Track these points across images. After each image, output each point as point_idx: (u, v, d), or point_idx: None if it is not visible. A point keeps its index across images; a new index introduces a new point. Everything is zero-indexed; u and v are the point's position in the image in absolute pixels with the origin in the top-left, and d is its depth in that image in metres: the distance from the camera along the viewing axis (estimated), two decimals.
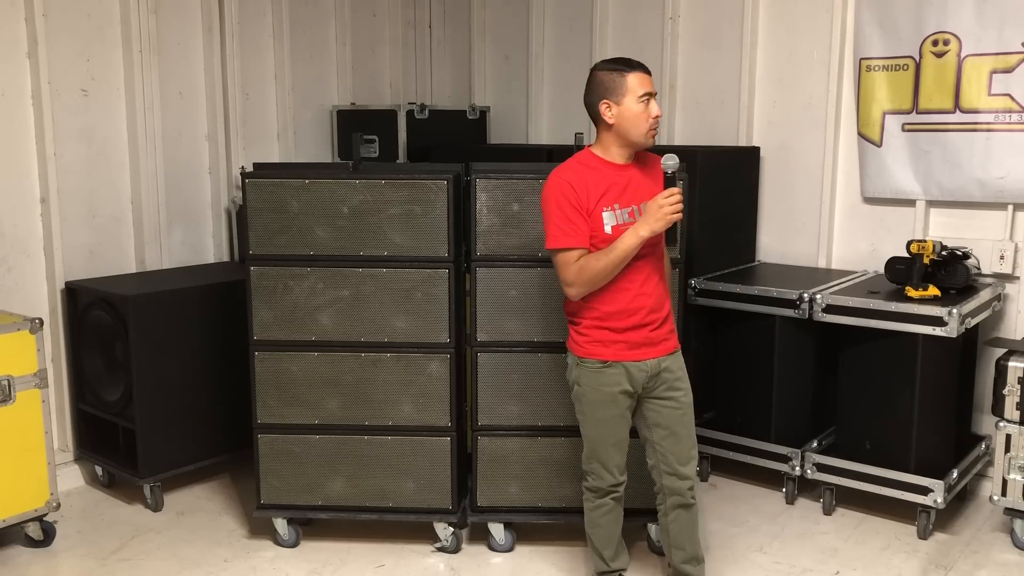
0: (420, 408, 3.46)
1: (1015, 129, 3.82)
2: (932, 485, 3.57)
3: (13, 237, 4.00)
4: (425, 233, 3.36)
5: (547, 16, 5.36)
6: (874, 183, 4.25)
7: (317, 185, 3.35)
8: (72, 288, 4.08)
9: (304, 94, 5.15)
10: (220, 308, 4.04)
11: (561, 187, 2.76)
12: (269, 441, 3.51)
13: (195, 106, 4.63)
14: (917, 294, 3.62)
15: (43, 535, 3.60)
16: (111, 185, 4.32)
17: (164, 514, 3.91)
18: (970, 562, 3.47)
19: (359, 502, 3.53)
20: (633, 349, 2.86)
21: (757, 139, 4.59)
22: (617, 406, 2.91)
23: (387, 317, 3.41)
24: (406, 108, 5.10)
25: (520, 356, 3.42)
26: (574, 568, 3.44)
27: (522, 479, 3.49)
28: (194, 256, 4.65)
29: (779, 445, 3.96)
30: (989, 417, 3.74)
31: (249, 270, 3.43)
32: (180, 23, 4.52)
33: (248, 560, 3.51)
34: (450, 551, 3.54)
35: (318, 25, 5.20)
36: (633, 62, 2.78)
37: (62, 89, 4.09)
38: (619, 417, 2.93)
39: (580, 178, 2.76)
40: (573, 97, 5.37)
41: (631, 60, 2.79)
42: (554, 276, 2.87)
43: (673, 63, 4.81)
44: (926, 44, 4.00)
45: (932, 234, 4.12)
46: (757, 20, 4.54)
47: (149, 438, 3.88)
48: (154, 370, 3.88)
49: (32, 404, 3.51)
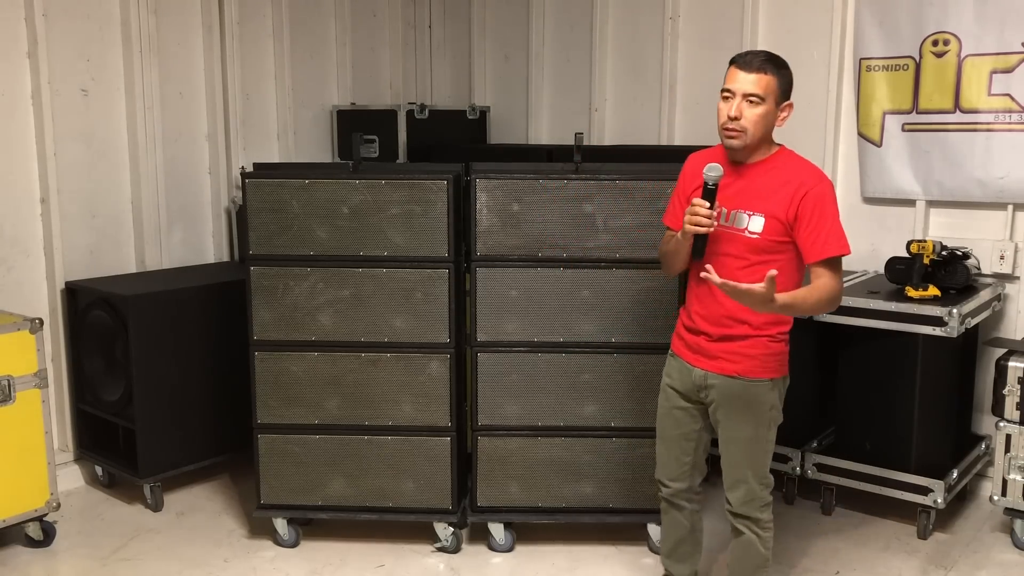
0: (420, 408, 3.46)
1: (1015, 129, 3.82)
2: (932, 485, 3.57)
3: (13, 237, 4.00)
4: (425, 233, 3.36)
5: (547, 16, 5.36)
6: (874, 183, 4.25)
7: (317, 185, 3.35)
8: (72, 288, 4.08)
9: (304, 94, 5.14)
10: (220, 308, 4.04)
11: (682, 168, 2.82)
12: (269, 441, 3.51)
13: (195, 106, 4.63)
14: (917, 294, 3.62)
15: (43, 535, 3.60)
16: (111, 185, 4.32)
17: (164, 514, 3.91)
18: (970, 562, 3.47)
19: (359, 502, 3.53)
20: (690, 351, 2.80)
21: None
22: (667, 398, 2.87)
23: (387, 317, 3.41)
24: (406, 108, 5.10)
25: (520, 356, 3.42)
26: (574, 568, 3.44)
27: (522, 479, 3.49)
28: (194, 256, 4.65)
29: (779, 445, 3.92)
30: (989, 417, 3.74)
31: (249, 270, 3.43)
32: (180, 23, 4.52)
33: (248, 560, 3.51)
34: (450, 551, 3.54)
35: (318, 25, 5.20)
36: (742, 54, 2.63)
37: (62, 89, 4.09)
38: (667, 411, 2.88)
39: (695, 165, 2.75)
40: (573, 97, 5.46)
41: (746, 52, 2.66)
42: (553, 276, 2.86)
43: (673, 63, 4.81)
44: (926, 44, 4.00)
45: (932, 234, 4.12)
46: (757, 20, 4.53)
47: (149, 438, 3.88)
48: (154, 370, 3.88)
49: (32, 404, 3.50)
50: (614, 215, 3.32)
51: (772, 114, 2.61)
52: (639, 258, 3.32)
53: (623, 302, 3.37)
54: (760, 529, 2.80)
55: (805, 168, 2.65)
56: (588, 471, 3.48)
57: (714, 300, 2.69)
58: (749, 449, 2.76)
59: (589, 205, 3.33)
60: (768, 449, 2.78)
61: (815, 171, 2.65)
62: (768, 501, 2.81)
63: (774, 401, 2.74)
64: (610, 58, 5.11)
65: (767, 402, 2.72)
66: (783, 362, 2.74)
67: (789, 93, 2.64)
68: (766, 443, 2.77)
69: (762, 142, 2.65)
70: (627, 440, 3.45)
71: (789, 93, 2.64)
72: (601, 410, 3.44)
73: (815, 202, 2.56)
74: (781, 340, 2.72)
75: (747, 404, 2.72)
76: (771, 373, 2.71)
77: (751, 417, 2.72)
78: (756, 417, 2.72)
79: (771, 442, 2.79)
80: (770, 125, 2.63)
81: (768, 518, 2.81)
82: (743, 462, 2.77)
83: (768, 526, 2.82)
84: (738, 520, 2.81)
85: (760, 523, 2.80)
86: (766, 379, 2.70)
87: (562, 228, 3.34)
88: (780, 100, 2.61)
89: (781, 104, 2.62)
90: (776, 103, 2.60)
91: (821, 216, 2.56)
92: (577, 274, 3.37)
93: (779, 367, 2.73)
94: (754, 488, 2.77)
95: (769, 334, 2.68)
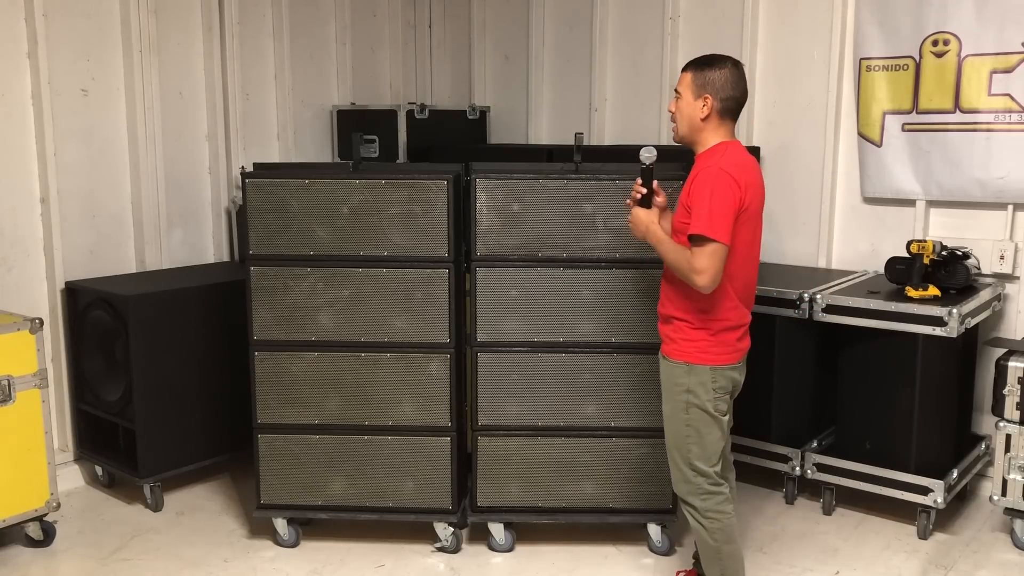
0: (420, 408, 3.46)
1: (1015, 129, 3.82)
2: (932, 485, 3.57)
3: (13, 237, 4.00)
4: (425, 233, 3.36)
5: (547, 16, 5.36)
6: (874, 183, 4.25)
7: (317, 185, 3.35)
8: (72, 288, 4.08)
9: (304, 94, 5.14)
10: (220, 308, 4.04)
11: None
12: (269, 441, 3.51)
13: (195, 106, 4.63)
14: (917, 294, 3.62)
15: (43, 535, 3.60)
16: (111, 185, 4.32)
17: (164, 514, 3.91)
18: (970, 562, 3.47)
19: (359, 502, 3.53)
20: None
21: (757, 139, 4.59)
22: None
23: (387, 317, 3.41)
24: (406, 108, 5.10)
25: (520, 356, 3.42)
26: (574, 568, 3.44)
27: (522, 479, 3.49)
28: (194, 256, 4.65)
29: (779, 445, 3.96)
30: (989, 417, 3.74)
31: (249, 270, 3.43)
32: (180, 23, 4.52)
33: (248, 560, 3.51)
34: (450, 551, 3.54)
35: (318, 25, 5.20)
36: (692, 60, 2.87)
37: (62, 89, 4.09)
38: None
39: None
40: (573, 97, 5.46)
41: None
42: (553, 276, 2.87)
43: (673, 63, 4.81)
44: (926, 44, 4.00)
45: (932, 234, 4.12)
46: (757, 20, 4.54)
47: (149, 438, 3.88)
48: (154, 370, 3.88)
49: (32, 404, 3.51)
50: (614, 215, 3.32)
51: (690, 106, 2.80)
52: (639, 258, 3.32)
53: (623, 302, 3.37)
54: (702, 517, 2.87)
55: (713, 156, 2.77)
56: (588, 471, 3.48)
57: (662, 285, 2.93)
58: (670, 429, 2.92)
59: (589, 205, 3.33)
60: (690, 435, 2.86)
61: (717, 158, 2.75)
62: (707, 490, 2.87)
63: (691, 386, 2.83)
64: (610, 58, 5.12)
65: (681, 384, 2.85)
66: (706, 351, 2.82)
67: (707, 89, 2.78)
68: (686, 427, 2.86)
69: (693, 132, 2.83)
70: (627, 440, 3.45)
71: (707, 89, 2.78)
72: (601, 410, 3.44)
73: (699, 184, 2.71)
74: (703, 328, 2.81)
75: (666, 384, 2.92)
76: (686, 357, 2.84)
77: (669, 396, 2.91)
78: (672, 397, 2.89)
79: (698, 431, 2.85)
80: (691, 116, 2.81)
81: (712, 507, 2.86)
82: (669, 442, 2.94)
83: (713, 516, 2.86)
84: (680, 503, 2.97)
85: (700, 511, 2.87)
86: (680, 362, 2.85)
87: (562, 228, 3.35)
88: (697, 93, 2.79)
89: (698, 97, 2.79)
90: (693, 96, 2.80)
91: (698, 197, 2.69)
92: (577, 274, 3.37)
93: (698, 354, 2.82)
94: (682, 470, 2.89)
95: (687, 319, 2.83)
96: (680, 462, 2.89)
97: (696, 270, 2.66)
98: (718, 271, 2.67)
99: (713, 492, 2.87)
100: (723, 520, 2.87)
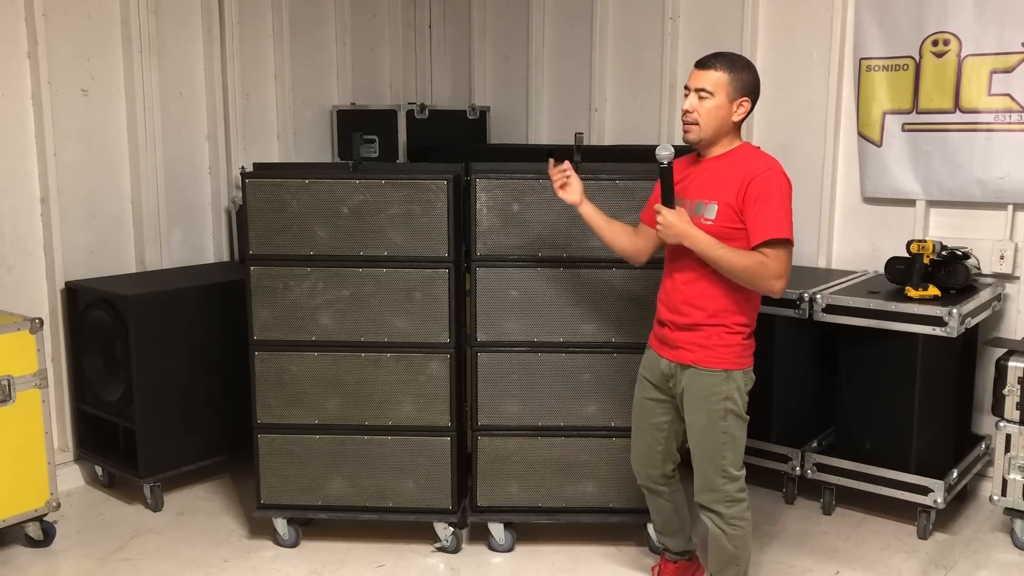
0: (420, 408, 3.46)
1: (1015, 129, 3.82)
2: (932, 485, 3.57)
3: (13, 237, 4.00)
4: (425, 233, 3.36)
5: (547, 16, 5.36)
6: (874, 183, 4.25)
7: (317, 185, 3.35)
8: (72, 288, 4.08)
9: (304, 94, 5.15)
10: (220, 308, 4.04)
11: None
12: (269, 441, 3.51)
13: (195, 106, 4.63)
14: (917, 294, 3.62)
15: (43, 535, 3.60)
16: (111, 185, 4.32)
17: (164, 514, 3.91)
18: (970, 562, 3.47)
19: (359, 502, 3.53)
20: (659, 342, 2.92)
21: (757, 139, 4.58)
22: (641, 388, 3.00)
23: (387, 317, 3.41)
24: (406, 108, 5.10)
25: (520, 356, 3.42)
26: (574, 568, 3.44)
27: (522, 479, 3.49)
28: (194, 256, 4.65)
29: (779, 445, 3.96)
30: (989, 417, 3.74)
31: (249, 270, 3.43)
32: (180, 23, 4.52)
33: (248, 560, 3.51)
34: (450, 551, 3.54)
35: (318, 25, 5.20)
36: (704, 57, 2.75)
37: (62, 89, 4.09)
38: (640, 400, 3.01)
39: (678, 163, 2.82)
40: (573, 97, 5.46)
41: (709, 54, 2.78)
42: (553, 276, 2.87)
43: (673, 63, 4.81)
44: (926, 44, 4.00)
45: (932, 234, 4.12)
46: (757, 20, 4.53)
47: (149, 438, 3.88)
48: (154, 370, 3.88)
49: (32, 404, 3.50)
50: (614, 215, 3.29)
51: (724, 108, 2.70)
52: None
53: (623, 302, 3.37)
54: (726, 524, 2.83)
55: (759, 158, 2.74)
56: (588, 471, 3.48)
57: (674, 288, 2.82)
58: (704, 439, 2.82)
59: None
60: (726, 442, 2.80)
61: (767, 159, 2.73)
62: (735, 498, 2.83)
63: (730, 393, 2.77)
64: (610, 58, 5.11)
65: (720, 393, 2.76)
66: (741, 355, 2.78)
67: (746, 91, 2.72)
68: (722, 435, 2.79)
69: (718, 135, 2.74)
70: (627, 440, 3.43)
71: (746, 91, 2.72)
72: (601, 410, 3.44)
73: (761, 187, 2.64)
74: (738, 332, 2.77)
75: (701, 394, 2.79)
76: (725, 364, 2.76)
77: (704, 407, 2.78)
78: (709, 407, 2.78)
79: (733, 436, 2.80)
80: (723, 119, 2.72)
81: (736, 515, 2.83)
82: (700, 452, 2.84)
83: (737, 524, 2.83)
84: (702, 511, 2.88)
85: (725, 518, 2.83)
86: (719, 370, 2.75)
87: (562, 228, 3.34)
88: (733, 96, 2.70)
89: (735, 100, 2.71)
90: (729, 98, 2.70)
91: (765, 200, 2.62)
92: (577, 274, 3.37)
93: (735, 359, 2.77)
94: (712, 480, 2.82)
95: (724, 324, 2.75)
96: (710, 471, 2.82)
97: (778, 275, 2.62)
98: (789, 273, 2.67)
99: (739, 499, 2.83)
100: (745, 528, 2.85)
